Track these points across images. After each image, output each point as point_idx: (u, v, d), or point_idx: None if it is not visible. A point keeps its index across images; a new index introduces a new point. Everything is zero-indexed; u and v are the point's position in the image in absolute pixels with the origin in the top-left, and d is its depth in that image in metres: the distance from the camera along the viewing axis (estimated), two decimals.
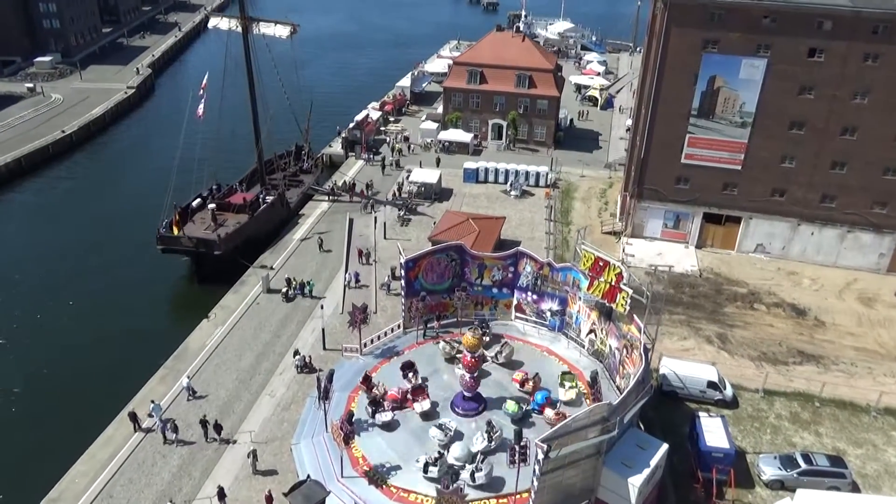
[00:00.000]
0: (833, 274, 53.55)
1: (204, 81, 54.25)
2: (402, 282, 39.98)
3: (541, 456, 25.86)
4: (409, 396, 34.28)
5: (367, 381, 34.80)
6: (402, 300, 40.51)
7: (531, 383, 34.83)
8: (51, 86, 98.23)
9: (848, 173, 51.11)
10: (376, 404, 33.40)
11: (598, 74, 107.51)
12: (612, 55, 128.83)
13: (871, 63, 47.45)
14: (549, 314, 40.13)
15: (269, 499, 30.88)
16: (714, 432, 33.90)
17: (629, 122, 77.25)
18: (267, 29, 55.68)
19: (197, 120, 55.33)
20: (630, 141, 61.13)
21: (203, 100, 53.98)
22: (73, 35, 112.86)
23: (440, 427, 32.12)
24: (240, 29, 56.74)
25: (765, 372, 41.42)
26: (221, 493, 30.97)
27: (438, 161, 71.89)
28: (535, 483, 26.69)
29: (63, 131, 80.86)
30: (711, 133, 52.16)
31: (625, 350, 34.53)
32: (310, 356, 41.17)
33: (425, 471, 30.19)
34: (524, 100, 77.34)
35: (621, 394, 30.42)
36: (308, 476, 31.26)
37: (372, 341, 39.99)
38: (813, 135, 50.43)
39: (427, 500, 29.71)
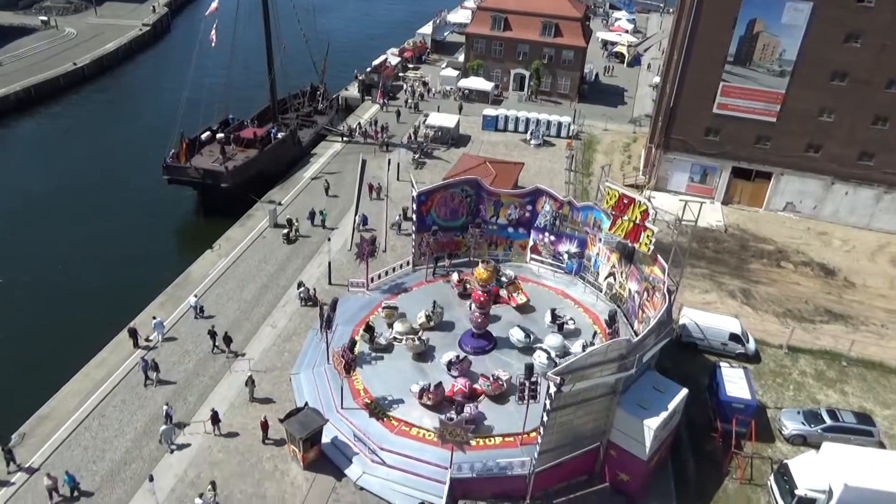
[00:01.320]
0: (866, 236, 51.02)
1: (214, 4, 51.82)
2: (414, 217, 38.19)
3: (553, 389, 24.16)
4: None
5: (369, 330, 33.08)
6: (413, 235, 38.78)
7: None
8: (65, 20, 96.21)
9: (890, 129, 48.23)
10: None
11: (627, 32, 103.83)
12: (641, 15, 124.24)
13: None
14: (566, 256, 38.31)
15: (265, 425, 29.59)
16: (736, 383, 32.06)
17: (657, 79, 74.17)
18: None
19: (210, 46, 52.93)
20: (659, 89, 58.25)
21: (214, 25, 51.60)
22: None
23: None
24: None
25: (790, 328, 39.34)
26: (215, 417, 29.71)
27: (461, 108, 69.43)
28: (545, 418, 25.06)
29: (75, 64, 79.03)
30: (747, 82, 49.32)
31: (645, 293, 32.66)
32: (314, 289, 39.61)
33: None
34: (549, 49, 74.27)
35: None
36: (306, 403, 30.00)
37: (379, 276, 38.46)
38: (856, 87, 47.46)
39: (429, 435, 28.35)
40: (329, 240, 44.22)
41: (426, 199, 37.52)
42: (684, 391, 28.16)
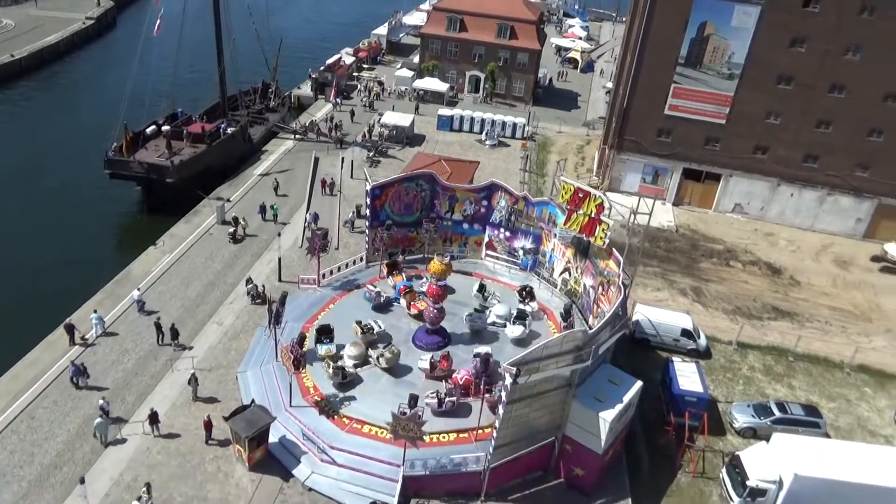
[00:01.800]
0: (810, 237, 52.45)
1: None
2: (367, 211, 37.35)
3: (509, 381, 23.66)
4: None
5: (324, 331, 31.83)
6: (366, 231, 37.93)
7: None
8: (2, 11, 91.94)
9: (833, 133, 49.73)
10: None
11: (580, 39, 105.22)
12: (594, 23, 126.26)
13: (866, 16, 45.79)
14: (521, 252, 38.02)
15: (208, 425, 28.22)
16: (688, 377, 32.20)
17: (610, 84, 75.18)
18: None
19: (158, 40, 51.18)
20: (613, 91, 58.87)
21: (160, 14, 49.79)
22: None
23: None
24: None
25: (740, 324, 39.94)
26: (154, 417, 28.18)
27: (418, 107, 68.93)
28: (501, 411, 24.53)
29: (12, 56, 75.44)
30: (698, 84, 50.22)
31: (600, 288, 32.56)
32: (264, 286, 38.29)
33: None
34: (504, 52, 74.42)
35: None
36: (252, 401, 28.77)
37: (331, 272, 37.43)
38: (801, 90, 48.84)
39: (381, 432, 27.47)
40: (279, 235, 42.92)
41: (380, 193, 36.74)
42: (639, 384, 28.05)
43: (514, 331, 32.26)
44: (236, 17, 57.76)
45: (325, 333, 31.42)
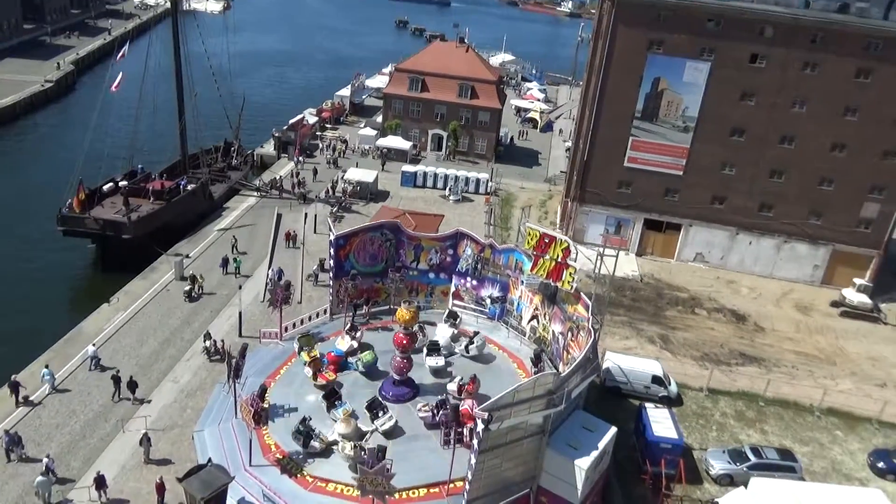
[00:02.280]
0: (770, 284, 53.30)
1: (122, 52, 49.95)
2: (331, 262, 36.58)
3: (480, 427, 22.71)
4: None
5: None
6: (331, 281, 37.04)
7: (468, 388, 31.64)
8: None
9: (785, 182, 51.33)
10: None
11: (538, 100, 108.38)
12: (551, 87, 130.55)
13: (809, 72, 48.10)
14: (488, 301, 37.38)
15: (161, 488, 26.39)
16: (662, 423, 31.65)
17: (569, 143, 77.04)
18: (198, 4, 52.35)
19: (119, 101, 50.91)
20: (573, 144, 60.15)
21: (120, 72, 49.57)
22: None
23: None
24: (168, 4, 53.11)
25: (709, 370, 39.79)
26: (101, 482, 26.25)
27: (384, 163, 69.41)
28: (473, 460, 23.45)
29: None
30: (655, 136, 51.64)
31: (570, 333, 32.05)
32: (223, 341, 36.84)
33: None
34: (466, 111, 75.97)
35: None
36: (209, 460, 27.01)
37: (294, 325, 36.19)
38: (753, 142, 50.56)
39: (347, 490, 25.95)
40: (240, 288, 41.71)
41: (344, 243, 36.08)
42: (614, 429, 27.33)
43: (431, 361, 31.67)
44: (199, 78, 57.95)
45: (334, 397, 28.77)
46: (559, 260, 31.97)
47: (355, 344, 32.82)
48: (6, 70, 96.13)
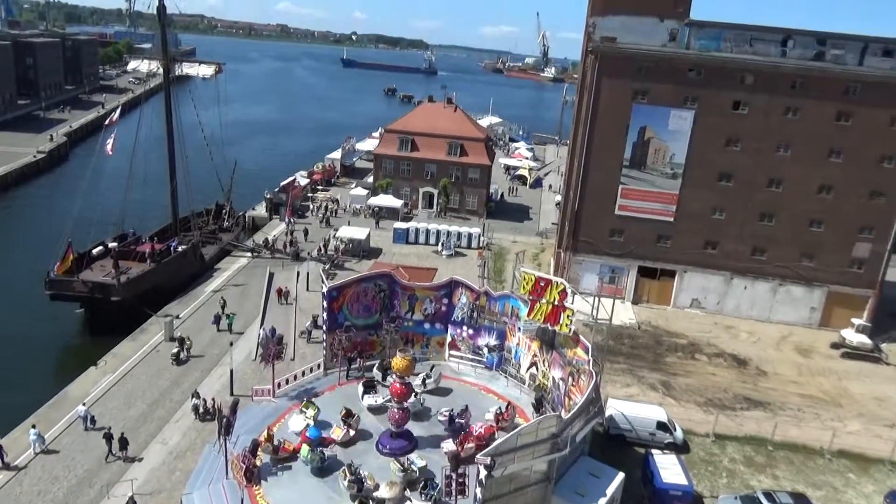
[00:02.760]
0: (769, 328, 52.80)
1: (114, 115, 50.51)
2: (325, 316, 35.97)
3: (483, 474, 21.74)
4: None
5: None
6: (324, 335, 36.32)
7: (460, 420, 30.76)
8: None
9: (776, 226, 51.56)
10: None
11: (527, 158, 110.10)
12: (538, 147, 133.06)
13: (791, 116, 49.08)
14: (486, 350, 36.71)
15: None
16: (670, 469, 30.52)
17: (558, 197, 77.77)
18: (190, 69, 53.33)
19: (110, 169, 51.15)
20: (563, 194, 60.54)
21: (113, 135, 49.98)
22: None
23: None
24: (161, 70, 54.15)
25: (714, 415, 38.78)
26: None
27: (378, 221, 69.73)
28: None
29: None
30: (644, 184, 52.10)
31: (570, 379, 31.31)
32: (213, 399, 35.68)
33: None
34: (455, 168, 76.92)
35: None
36: None
37: (287, 381, 35.21)
38: (741, 187, 51.06)
39: None
40: (231, 344, 40.81)
41: (338, 294, 35.60)
42: (621, 475, 26.35)
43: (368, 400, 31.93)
44: (191, 144, 58.39)
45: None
46: (556, 303, 31.54)
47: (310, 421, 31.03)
48: (1, 140, 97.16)
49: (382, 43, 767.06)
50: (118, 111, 50.65)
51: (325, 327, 36.12)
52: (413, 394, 30.41)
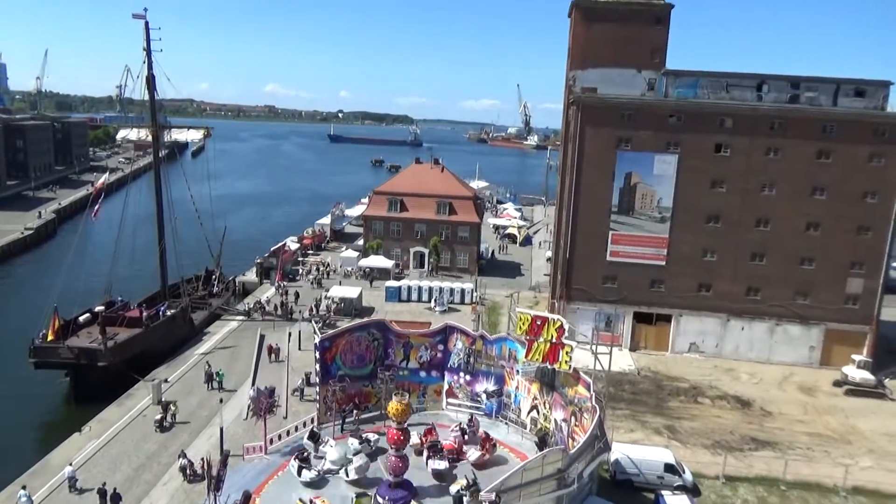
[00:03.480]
0: (769, 369, 52.00)
1: (101, 181, 50.69)
2: (317, 367, 35.09)
3: None
4: None
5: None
6: (317, 389, 35.30)
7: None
8: None
9: (767, 265, 51.62)
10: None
11: (515, 218, 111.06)
12: (526, 208, 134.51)
13: (773, 156, 49.96)
14: (484, 396, 35.73)
15: None
16: None
17: (549, 253, 77.98)
18: (179, 135, 53.99)
19: (97, 242, 51.12)
20: (554, 244, 60.66)
21: (100, 201, 49.98)
22: None
23: None
24: (150, 138, 54.78)
25: (722, 456, 37.52)
26: None
27: (372, 281, 69.37)
28: None
29: None
30: (633, 229, 52.32)
31: (573, 418, 30.38)
32: (202, 458, 34.07)
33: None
34: (445, 227, 77.24)
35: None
36: None
37: (280, 437, 33.94)
38: (730, 227, 51.38)
39: None
40: (221, 401, 39.48)
41: (330, 345, 34.87)
42: None
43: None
44: (181, 215, 58.44)
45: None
46: (554, 340, 30.95)
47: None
48: None
49: (368, 119, 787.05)
50: (106, 175, 50.77)
51: (317, 380, 35.20)
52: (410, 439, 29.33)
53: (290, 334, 54.16)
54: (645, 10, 52.47)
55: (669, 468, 34.52)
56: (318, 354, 34.65)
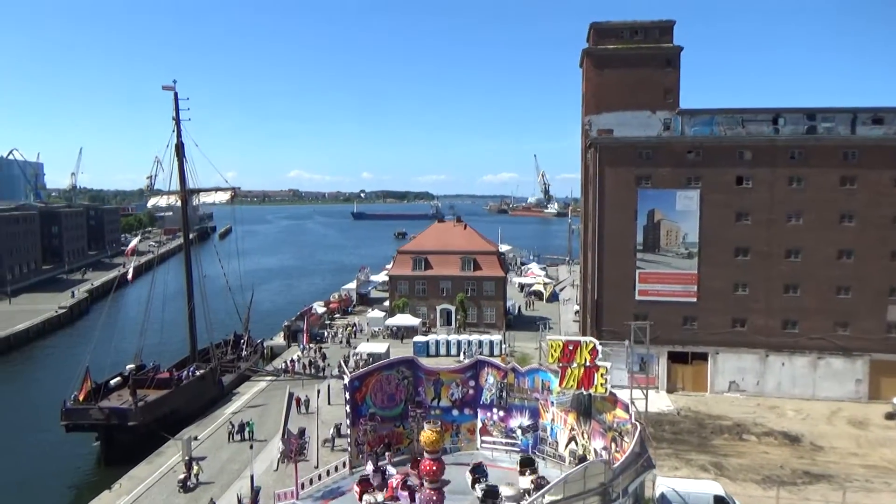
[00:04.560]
0: (815, 406, 49.86)
1: (132, 245, 52.02)
2: (348, 407, 34.54)
3: None
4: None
5: None
6: (348, 429, 34.62)
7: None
8: None
9: (802, 296, 50.39)
10: None
11: (540, 276, 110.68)
12: (550, 268, 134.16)
13: (796, 186, 49.66)
14: (519, 432, 34.70)
15: None
16: None
17: (577, 307, 77.22)
18: (207, 197, 55.38)
19: (130, 317, 52.30)
20: (581, 287, 60.09)
21: (132, 264, 51.13)
22: (10, 266, 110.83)
23: None
24: (179, 203, 56.38)
25: (775, 490, 35.53)
26: None
27: (403, 338, 69.09)
28: None
29: None
30: (660, 266, 51.76)
31: (613, 444, 29.25)
32: (236, 494, 33.27)
33: None
34: (470, 282, 77.12)
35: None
36: None
37: (311, 482, 33.11)
38: (759, 259, 50.58)
39: None
40: (251, 447, 38.70)
41: (360, 384, 34.45)
42: None
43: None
44: (210, 291, 59.63)
45: None
46: (587, 364, 30.21)
47: None
48: (23, 302, 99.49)
49: (390, 197, 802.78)
50: (138, 238, 52.06)
51: (348, 422, 34.54)
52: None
53: (318, 391, 53.48)
54: (654, 54, 53.78)
55: (719, 501, 32.68)
56: (348, 395, 34.16)
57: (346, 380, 34.19)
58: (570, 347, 31.16)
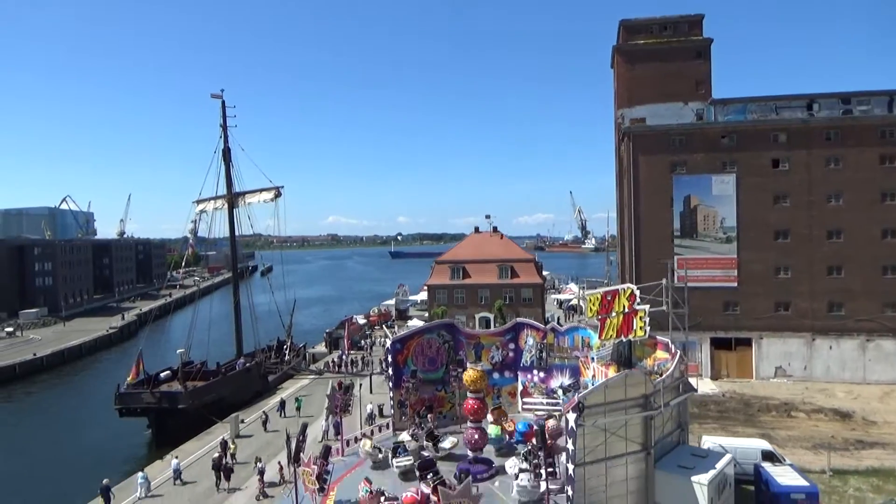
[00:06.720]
0: (867, 388, 48.50)
1: (192, 232, 54.61)
2: (390, 370, 35.27)
3: (572, 419, 20.03)
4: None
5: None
6: (391, 393, 35.27)
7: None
8: (33, 332, 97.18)
9: (847, 277, 49.64)
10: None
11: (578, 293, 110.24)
12: (589, 290, 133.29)
13: (834, 166, 49.47)
14: (560, 392, 34.81)
15: None
16: (785, 476, 27.07)
17: None
18: (252, 198, 57.62)
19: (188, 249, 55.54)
20: (619, 278, 60.02)
21: (192, 241, 53.74)
22: (64, 294, 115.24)
23: None
24: (226, 207, 58.79)
25: (826, 454, 34.71)
26: None
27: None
28: (571, 471, 20.19)
29: (34, 354, 77.69)
30: (699, 251, 51.66)
31: None
32: (280, 463, 33.98)
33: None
34: (508, 290, 77.49)
35: None
36: None
37: (356, 440, 33.66)
38: (800, 242, 50.16)
39: None
40: (298, 408, 39.49)
41: (402, 347, 35.21)
42: (729, 455, 23.59)
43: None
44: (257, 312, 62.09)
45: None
46: (626, 310, 30.46)
47: None
48: (77, 324, 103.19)
49: (426, 239, 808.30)
50: (192, 236, 54.70)
51: (390, 384, 35.22)
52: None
53: (360, 384, 54.29)
54: (684, 47, 54.86)
55: (768, 456, 32.07)
56: (390, 357, 34.92)
57: (388, 342, 34.97)
58: (609, 298, 31.46)
